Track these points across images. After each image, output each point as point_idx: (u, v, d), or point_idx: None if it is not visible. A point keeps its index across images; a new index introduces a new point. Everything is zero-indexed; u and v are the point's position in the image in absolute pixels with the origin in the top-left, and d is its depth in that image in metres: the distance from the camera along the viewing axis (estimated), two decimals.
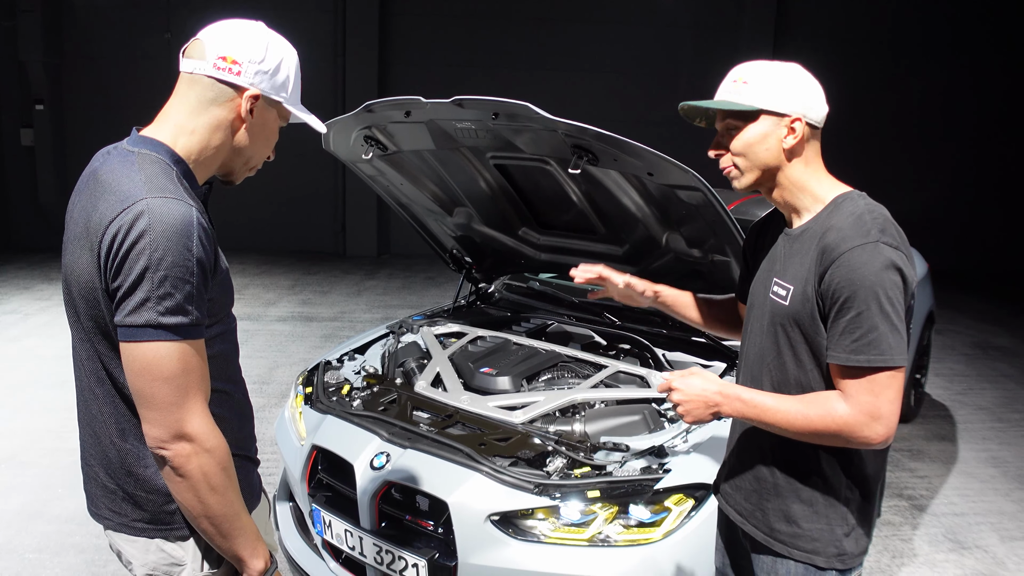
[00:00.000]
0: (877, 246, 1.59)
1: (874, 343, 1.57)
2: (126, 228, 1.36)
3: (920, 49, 11.76)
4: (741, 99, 1.73)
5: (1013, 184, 12.21)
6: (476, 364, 3.16)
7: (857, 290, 1.58)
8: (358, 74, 11.19)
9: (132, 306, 1.37)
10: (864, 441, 1.61)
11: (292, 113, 1.64)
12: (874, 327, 1.57)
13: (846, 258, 1.60)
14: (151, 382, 1.39)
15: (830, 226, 1.67)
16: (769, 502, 1.83)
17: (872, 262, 1.58)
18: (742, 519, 1.92)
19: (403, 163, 3.35)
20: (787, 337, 1.75)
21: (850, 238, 1.61)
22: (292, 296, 8.73)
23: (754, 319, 1.89)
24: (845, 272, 1.59)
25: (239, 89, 1.54)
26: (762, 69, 1.75)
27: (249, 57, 1.53)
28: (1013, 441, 5.33)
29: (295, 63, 1.63)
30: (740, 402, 1.72)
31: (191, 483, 1.44)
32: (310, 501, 2.82)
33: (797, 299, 1.71)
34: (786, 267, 1.77)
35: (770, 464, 1.83)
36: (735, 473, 1.95)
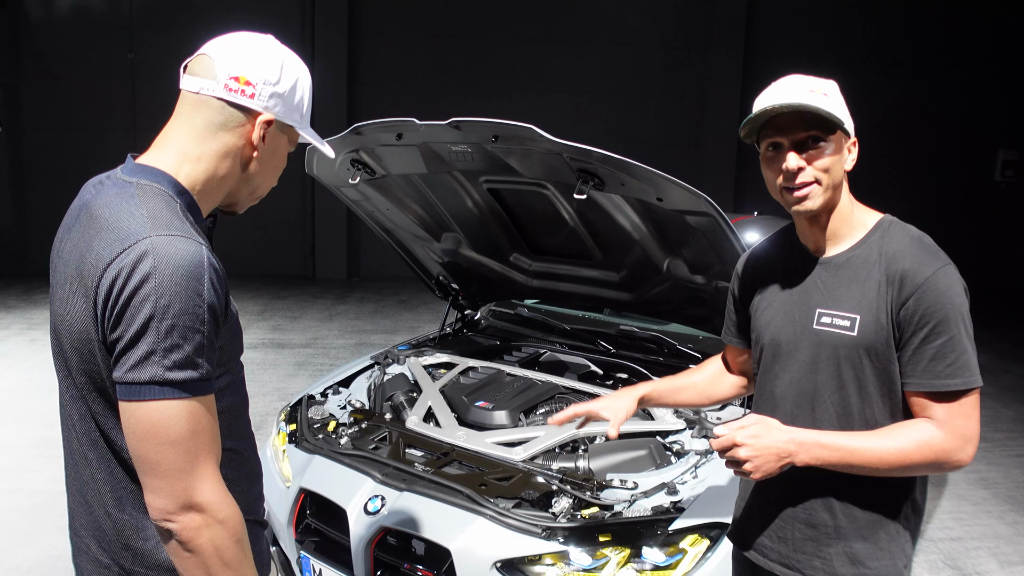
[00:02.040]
0: (952, 269, 1.59)
1: (966, 365, 1.55)
2: (128, 271, 1.20)
3: (887, 67, 11.93)
4: (831, 108, 1.59)
5: (976, 198, 12.42)
6: (470, 397, 3.02)
7: (948, 314, 1.55)
8: (326, 94, 11.04)
9: (135, 360, 1.20)
10: (957, 465, 1.58)
11: (301, 136, 1.49)
12: (964, 350, 1.56)
13: (932, 282, 1.56)
14: (156, 447, 1.22)
15: (894, 251, 1.63)
16: (831, 547, 1.72)
17: (955, 285, 1.58)
18: (793, 572, 1.78)
19: (390, 187, 3.22)
20: (853, 370, 1.65)
21: (927, 263, 1.59)
22: (262, 322, 8.51)
23: (789, 357, 1.75)
24: (934, 297, 1.56)
25: (251, 113, 1.38)
26: (829, 84, 1.66)
27: (264, 78, 1.37)
28: (1000, 461, 5.31)
29: (309, 83, 1.48)
30: (820, 448, 1.60)
31: (201, 559, 1.26)
32: (298, 548, 2.65)
33: (869, 328, 1.62)
34: (838, 296, 1.67)
35: (829, 507, 1.71)
36: (777, 524, 1.81)
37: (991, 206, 12.57)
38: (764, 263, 1.89)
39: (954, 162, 12.34)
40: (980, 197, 12.51)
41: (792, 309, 1.75)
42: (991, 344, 8.68)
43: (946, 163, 12.32)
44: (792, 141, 1.63)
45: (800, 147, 1.63)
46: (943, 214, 12.32)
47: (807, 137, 1.62)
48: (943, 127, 12.21)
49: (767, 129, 1.66)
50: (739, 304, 1.98)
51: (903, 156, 12.16)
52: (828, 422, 1.69)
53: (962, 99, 12.14)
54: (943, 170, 12.33)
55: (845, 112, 1.65)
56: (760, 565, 1.87)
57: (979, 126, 12.28)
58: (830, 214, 1.70)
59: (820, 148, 1.62)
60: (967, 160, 12.38)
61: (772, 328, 1.79)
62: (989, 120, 12.29)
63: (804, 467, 1.63)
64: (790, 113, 1.60)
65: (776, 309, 1.79)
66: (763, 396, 1.83)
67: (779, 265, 1.83)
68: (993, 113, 12.25)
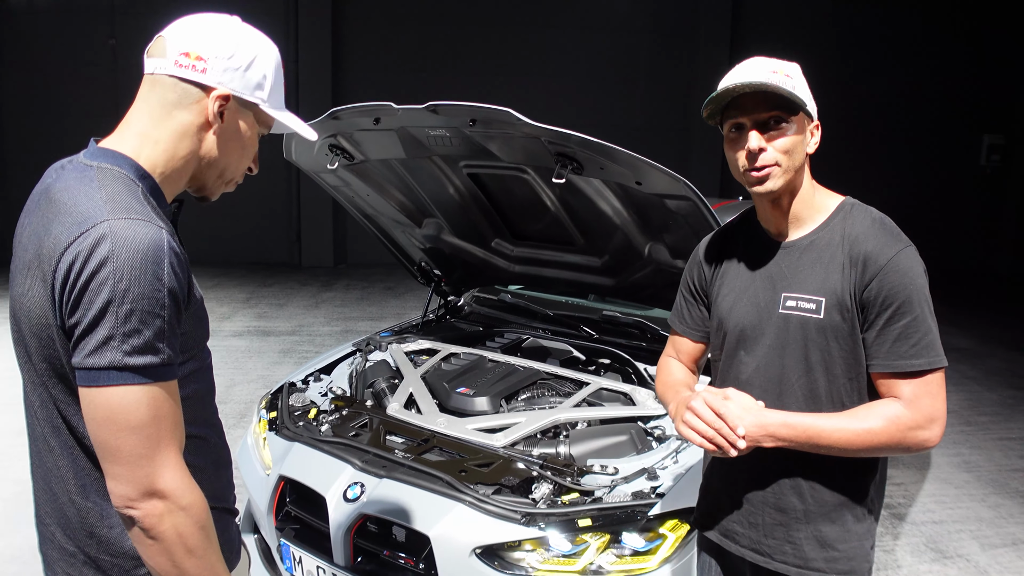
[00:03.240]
0: (912, 250, 1.60)
1: (931, 345, 1.57)
2: (85, 255, 1.17)
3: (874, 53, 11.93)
4: (794, 89, 1.58)
5: (962, 183, 12.46)
6: (451, 384, 3.00)
7: (911, 295, 1.56)
8: (311, 80, 10.98)
9: (93, 345, 1.18)
10: (923, 445, 1.58)
11: (274, 119, 1.45)
12: (929, 330, 1.57)
13: (894, 263, 1.57)
14: (116, 432, 1.20)
15: (856, 234, 1.63)
16: (799, 531, 1.73)
17: (916, 266, 1.59)
18: (764, 558, 1.78)
19: (370, 173, 3.19)
20: (820, 352, 1.65)
21: (889, 244, 1.59)
22: (247, 310, 8.46)
23: (753, 342, 1.74)
24: (896, 278, 1.57)
25: (206, 89, 1.34)
26: (792, 66, 1.64)
27: (216, 52, 1.33)
28: (982, 444, 5.34)
29: (274, 60, 1.43)
30: (786, 427, 1.60)
31: (165, 546, 1.24)
32: (278, 535, 2.64)
33: (834, 310, 1.62)
34: (802, 279, 1.67)
35: (798, 490, 1.72)
36: (747, 509, 1.81)
37: (977, 190, 12.62)
38: (725, 248, 1.86)
39: (940, 147, 12.37)
40: (966, 182, 12.55)
41: (756, 294, 1.74)
42: (976, 328, 8.73)
43: (932, 148, 12.35)
44: (754, 121, 1.61)
45: (762, 127, 1.61)
46: (929, 199, 12.36)
47: (769, 118, 1.60)
48: (928, 112, 12.22)
49: (730, 110, 1.64)
50: (697, 292, 1.94)
51: (889, 141, 12.19)
52: (796, 404, 1.69)
53: (947, 84, 12.15)
54: (929, 155, 12.35)
55: (808, 95, 1.64)
56: (730, 551, 1.86)
57: (964, 111, 12.30)
58: (792, 197, 1.70)
59: (782, 129, 1.61)
60: (953, 145, 12.40)
61: (736, 313, 1.77)
62: (974, 105, 12.31)
63: (773, 451, 1.63)
64: (752, 93, 1.59)
65: (739, 294, 1.77)
66: (727, 382, 1.80)
67: (740, 250, 1.81)
68: (978, 98, 12.27)
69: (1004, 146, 12.48)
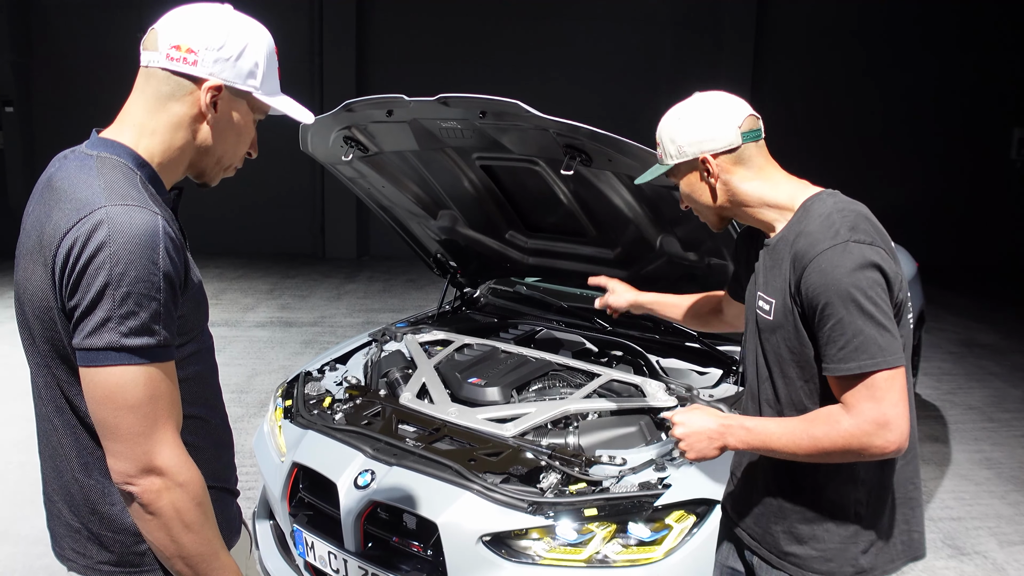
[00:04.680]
0: (847, 246, 1.51)
1: (861, 347, 1.48)
2: (83, 240, 1.22)
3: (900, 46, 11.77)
4: (660, 160, 1.78)
5: (981, 179, 12.27)
6: (463, 374, 3.03)
7: (832, 296, 1.49)
8: (336, 74, 11.03)
9: (91, 327, 1.23)
10: (878, 452, 1.50)
11: (269, 105, 1.48)
12: (858, 331, 1.48)
13: (816, 263, 1.52)
14: (115, 411, 1.25)
15: (800, 231, 1.61)
16: (777, 524, 1.76)
17: (843, 264, 1.49)
18: (756, 543, 1.83)
19: (384, 165, 3.22)
20: (775, 353, 1.68)
21: (819, 241, 1.54)
22: (271, 301, 8.55)
23: (747, 335, 1.84)
24: (817, 278, 1.52)
25: (197, 80, 1.38)
26: (665, 125, 1.76)
27: (206, 43, 1.36)
28: (1005, 441, 5.28)
29: (266, 47, 1.45)
30: (744, 431, 1.64)
31: (163, 521, 1.29)
32: (291, 521, 2.68)
33: (779, 312, 1.64)
34: (767, 280, 1.71)
35: (771, 486, 1.76)
36: (741, 496, 1.88)
37: (1007, 184, 12.40)
38: (747, 238, 1.95)
39: (969, 140, 12.16)
40: (995, 175, 12.34)
41: (751, 290, 1.81)
42: (1002, 324, 8.60)
43: (961, 141, 12.14)
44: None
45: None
46: (958, 193, 12.18)
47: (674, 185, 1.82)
48: (958, 105, 12.02)
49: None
50: (739, 268, 2.05)
51: (917, 134, 12.01)
52: (768, 404, 1.74)
53: (977, 77, 11.95)
54: (958, 149, 12.15)
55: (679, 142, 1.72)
56: (734, 529, 1.94)
57: (994, 104, 12.08)
58: (744, 215, 1.77)
59: (681, 192, 1.82)
60: (982, 139, 12.19)
61: (747, 308, 1.85)
62: (1004, 98, 12.09)
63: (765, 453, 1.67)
64: None
65: (748, 289, 1.85)
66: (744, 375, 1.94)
67: (752, 243, 1.87)
68: (1008, 91, 12.05)
69: None
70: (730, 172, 1.70)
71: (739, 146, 1.68)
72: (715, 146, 1.68)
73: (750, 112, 1.71)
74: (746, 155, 1.70)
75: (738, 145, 1.68)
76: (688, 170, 1.74)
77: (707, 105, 1.71)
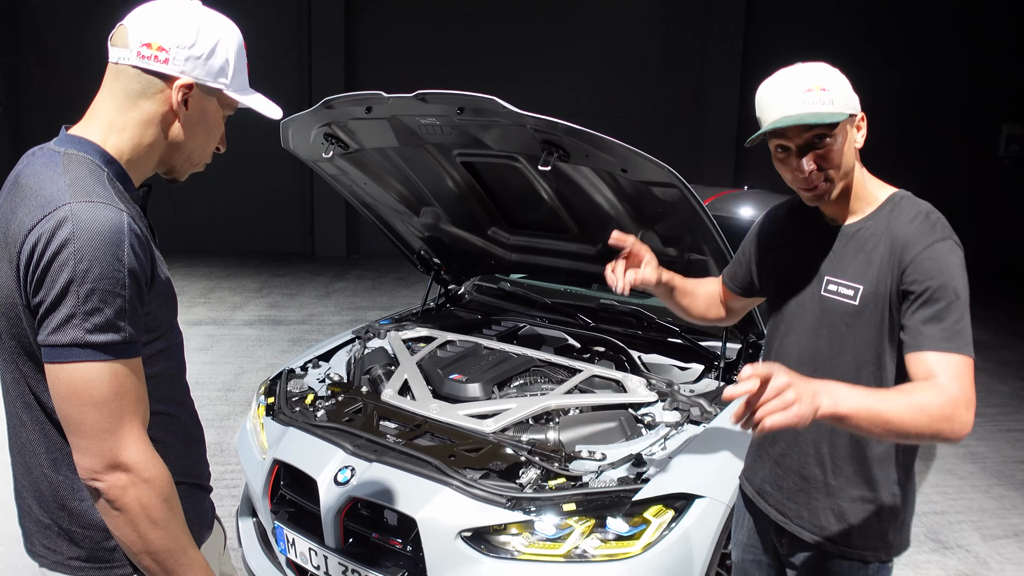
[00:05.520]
0: (955, 244, 1.61)
1: (961, 333, 1.54)
2: (47, 237, 1.22)
3: (890, 42, 11.80)
4: (832, 108, 1.62)
5: (970, 176, 12.31)
6: (445, 370, 3.03)
7: (946, 282, 1.56)
8: (324, 72, 10.99)
9: (56, 323, 1.23)
10: (959, 429, 1.46)
11: (238, 101, 1.48)
12: (961, 317, 1.55)
13: (931, 252, 1.58)
14: (80, 407, 1.25)
15: (899, 225, 1.65)
16: (819, 501, 1.80)
17: (954, 259, 1.59)
18: (785, 519, 1.88)
19: (366, 162, 3.22)
20: (857, 336, 1.69)
21: (928, 233, 1.61)
22: (259, 299, 8.54)
23: (796, 319, 1.81)
24: (931, 265, 1.57)
25: (168, 79, 1.38)
26: (826, 72, 1.66)
27: (177, 42, 1.36)
28: (990, 436, 5.31)
29: (236, 43, 1.45)
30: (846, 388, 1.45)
31: (129, 517, 1.29)
32: (272, 518, 2.68)
33: (869, 298, 1.66)
34: (845, 266, 1.72)
35: (821, 462, 1.79)
36: (777, 472, 1.89)
37: (995, 181, 12.46)
38: (785, 224, 1.94)
39: (958, 137, 12.21)
40: (984, 172, 12.39)
41: (804, 273, 1.80)
42: (991, 319, 8.64)
43: (950, 138, 12.19)
44: (798, 145, 1.65)
45: (807, 148, 1.65)
46: (947, 189, 12.18)
47: (812, 138, 1.64)
48: (947, 102, 12.07)
49: (772, 135, 1.68)
50: (751, 255, 2.02)
51: (904, 132, 12.04)
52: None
53: (966, 74, 11.99)
54: (946, 145, 12.20)
55: (847, 94, 1.65)
56: (760, 507, 1.97)
57: (983, 101, 12.14)
58: (844, 192, 1.74)
59: (827, 145, 1.64)
60: (971, 135, 12.25)
61: (782, 291, 1.86)
62: (993, 95, 12.14)
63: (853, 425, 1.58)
64: None
65: (789, 270, 1.85)
66: (770, 353, 1.92)
67: (798, 228, 1.88)
68: (997, 88, 12.11)
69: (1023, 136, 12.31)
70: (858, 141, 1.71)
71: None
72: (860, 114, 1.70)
73: None
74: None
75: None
76: (847, 125, 1.67)
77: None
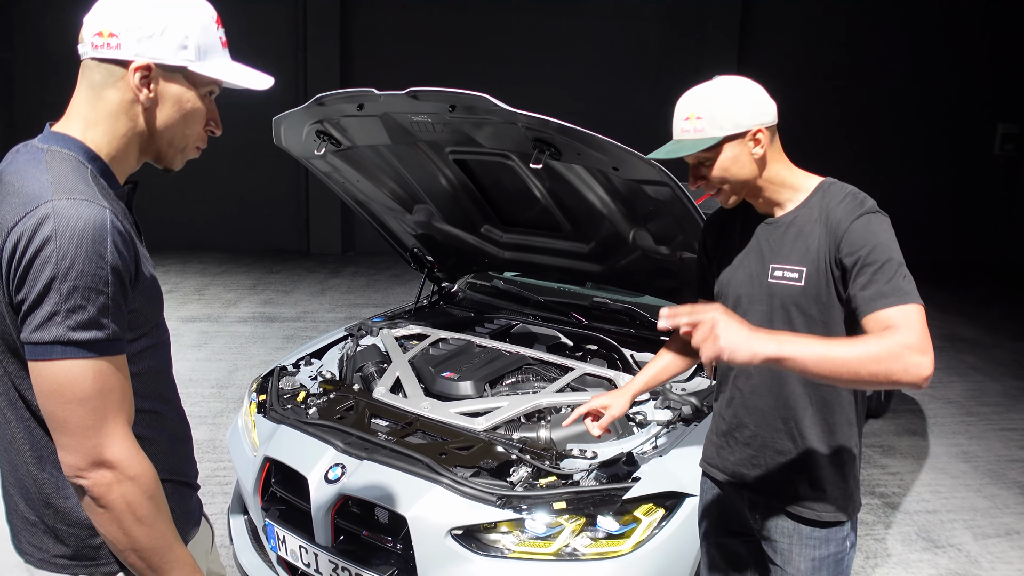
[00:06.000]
0: (881, 215, 1.74)
1: (902, 287, 1.65)
2: (29, 234, 1.21)
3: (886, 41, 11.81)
4: (701, 135, 1.78)
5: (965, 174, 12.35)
6: (437, 368, 3.03)
7: (876, 246, 1.68)
8: (320, 68, 10.98)
9: (39, 321, 1.22)
10: (914, 372, 1.53)
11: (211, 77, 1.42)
12: (898, 274, 1.66)
13: (859, 223, 1.71)
14: (63, 404, 1.24)
15: (830, 207, 1.78)
16: (795, 472, 1.89)
17: (882, 225, 1.72)
18: (761, 495, 1.97)
19: (359, 159, 3.21)
20: (802, 316, 1.80)
21: (857, 208, 1.74)
22: (254, 296, 8.53)
23: (750, 309, 1.90)
24: (861, 234, 1.70)
25: (124, 64, 1.35)
26: (708, 97, 1.80)
27: (126, 24, 1.33)
28: (982, 435, 5.32)
29: (199, 17, 1.39)
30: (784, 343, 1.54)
31: (114, 515, 1.29)
32: (263, 515, 2.68)
33: (813, 278, 1.78)
34: (786, 252, 1.84)
35: (791, 435, 1.89)
36: (750, 452, 1.97)
37: (990, 180, 12.48)
38: (725, 224, 2.05)
39: (953, 136, 12.23)
40: (979, 171, 12.41)
41: (750, 265, 1.92)
42: (985, 319, 8.66)
43: (944, 137, 12.21)
44: (691, 164, 1.85)
45: (699, 164, 1.84)
46: (941, 188, 12.25)
47: (695, 159, 1.83)
48: (941, 101, 12.08)
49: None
50: (705, 261, 2.13)
51: (900, 130, 12.07)
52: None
53: (960, 72, 12.01)
54: (942, 144, 12.22)
55: (725, 118, 1.77)
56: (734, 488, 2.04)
57: (978, 100, 12.15)
58: (763, 191, 1.87)
59: (710, 164, 1.82)
60: (966, 134, 12.27)
61: (734, 283, 1.95)
62: (988, 94, 12.16)
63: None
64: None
65: (736, 266, 1.96)
66: None
67: (737, 227, 1.99)
68: (992, 86, 12.12)
69: (1018, 135, 12.31)
70: (770, 147, 1.84)
71: (775, 124, 1.85)
72: (766, 120, 1.81)
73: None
74: (775, 134, 1.87)
75: (776, 122, 1.85)
76: (735, 143, 1.80)
77: (750, 83, 1.82)
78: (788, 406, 1.88)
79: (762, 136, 1.80)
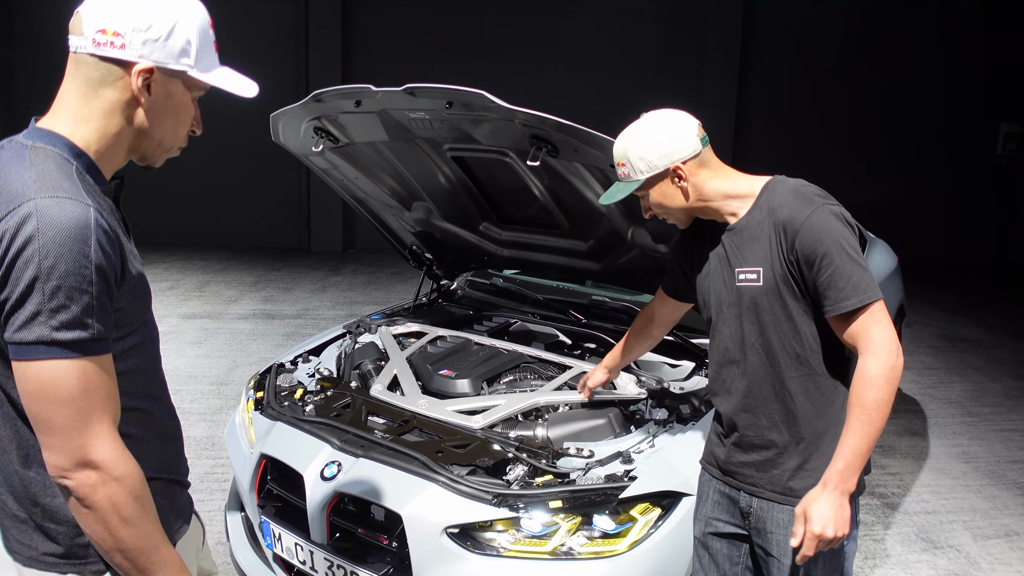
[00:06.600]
0: (824, 207, 1.83)
1: (858, 286, 1.78)
2: (11, 233, 1.20)
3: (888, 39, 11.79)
4: (628, 179, 1.98)
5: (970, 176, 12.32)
6: (435, 366, 3.02)
7: (828, 247, 1.79)
8: (321, 65, 10.96)
9: (22, 321, 1.21)
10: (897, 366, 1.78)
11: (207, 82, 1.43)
12: (852, 273, 1.78)
13: (809, 222, 1.81)
14: (47, 405, 1.23)
15: (775, 206, 1.89)
16: (794, 464, 1.96)
17: (828, 222, 1.81)
18: (757, 488, 2.02)
19: (357, 156, 3.20)
20: (770, 312, 1.92)
21: (801, 209, 1.83)
22: (254, 293, 8.53)
23: (722, 312, 2.04)
24: (813, 234, 1.80)
25: (127, 65, 1.33)
26: (628, 143, 1.96)
27: (133, 25, 1.31)
28: (983, 436, 5.30)
29: (198, 21, 1.39)
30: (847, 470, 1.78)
31: (99, 515, 1.28)
32: (259, 513, 2.67)
33: (770, 276, 1.90)
34: (746, 255, 1.95)
35: (777, 427, 1.97)
36: (743, 450, 2.04)
37: (992, 180, 12.45)
38: (696, 234, 2.15)
39: (955, 136, 12.20)
40: (982, 171, 12.38)
41: (722, 272, 2.03)
42: (986, 318, 8.64)
43: (947, 137, 12.18)
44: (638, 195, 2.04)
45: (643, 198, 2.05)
46: (944, 189, 12.22)
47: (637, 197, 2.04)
48: (944, 101, 12.05)
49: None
50: (678, 266, 2.29)
51: (903, 130, 12.05)
52: (757, 359, 1.97)
53: (963, 72, 11.97)
54: (944, 144, 12.19)
55: (644, 162, 1.93)
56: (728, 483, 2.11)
57: (981, 99, 12.12)
58: (707, 209, 2.01)
59: (646, 199, 2.04)
60: (968, 134, 12.23)
61: (714, 291, 2.07)
62: (991, 93, 12.12)
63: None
64: None
65: (711, 274, 2.07)
66: (713, 348, 2.11)
67: (707, 237, 2.10)
68: (994, 86, 12.08)
69: (1021, 135, 12.28)
70: (696, 175, 1.96)
71: (700, 151, 1.95)
72: (683, 155, 1.93)
73: (697, 121, 1.98)
74: (705, 158, 1.97)
75: (699, 151, 1.95)
76: (658, 181, 1.96)
77: (664, 121, 1.95)
78: (781, 400, 1.96)
79: (682, 170, 1.93)
